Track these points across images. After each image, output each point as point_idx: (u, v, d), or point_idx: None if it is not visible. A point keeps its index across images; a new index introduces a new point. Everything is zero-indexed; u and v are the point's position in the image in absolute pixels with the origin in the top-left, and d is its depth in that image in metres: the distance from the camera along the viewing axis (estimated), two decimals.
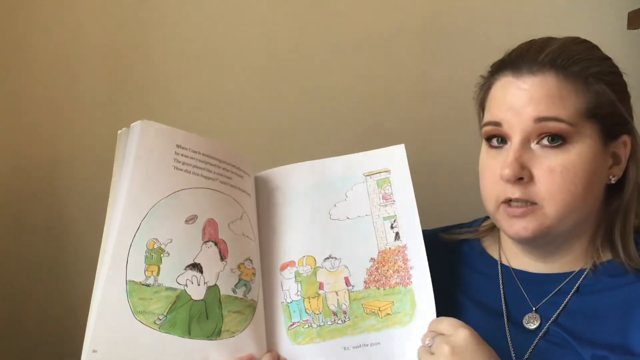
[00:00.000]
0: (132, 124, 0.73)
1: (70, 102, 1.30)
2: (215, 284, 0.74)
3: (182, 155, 0.75)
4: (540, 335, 0.77)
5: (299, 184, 0.84)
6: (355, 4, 1.29)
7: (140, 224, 0.71)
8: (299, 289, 0.80)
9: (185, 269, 0.72)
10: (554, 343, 0.76)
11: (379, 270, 0.79)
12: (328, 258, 0.81)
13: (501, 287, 0.83)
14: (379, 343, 0.77)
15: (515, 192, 0.75)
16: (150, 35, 1.29)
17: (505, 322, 0.80)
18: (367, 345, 0.77)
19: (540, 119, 0.73)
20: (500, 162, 0.76)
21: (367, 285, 0.79)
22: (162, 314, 0.70)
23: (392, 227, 0.81)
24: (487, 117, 0.79)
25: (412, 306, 0.77)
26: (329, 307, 0.79)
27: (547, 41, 0.78)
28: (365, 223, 0.81)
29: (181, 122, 1.30)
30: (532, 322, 0.79)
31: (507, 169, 0.73)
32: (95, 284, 0.69)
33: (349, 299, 0.79)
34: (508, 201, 0.76)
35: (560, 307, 0.78)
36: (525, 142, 0.75)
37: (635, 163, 0.79)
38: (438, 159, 1.30)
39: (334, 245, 0.81)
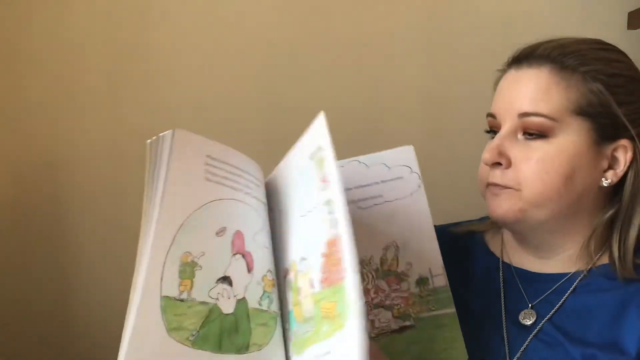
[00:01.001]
0: (162, 134, 0.70)
1: (70, 104, 1.26)
2: (244, 297, 0.73)
3: (212, 166, 0.73)
4: (534, 333, 0.81)
5: (279, 190, 0.81)
6: (355, 4, 1.30)
7: (175, 236, 0.68)
8: (291, 298, 0.73)
9: (217, 282, 0.71)
10: (546, 342, 0.80)
11: (327, 266, 0.65)
12: (302, 259, 0.71)
13: (501, 284, 0.86)
14: (329, 352, 0.62)
15: (494, 177, 0.80)
16: (150, 37, 1.27)
17: (503, 318, 0.83)
18: (321, 355, 0.64)
19: (522, 114, 0.78)
20: None
21: (322, 285, 0.66)
22: (195, 330, 0.68)
23: (329, 213, 0.65)
24: (490, 109, 0.83)
25: (347, 305, 0.60)
26: (304, 315, 0.70)
27: (555, 38, 0.81)
28: (317, 212, 0.69)
29: (181, 122, 1.28)
30: (527, 318, 0.82)
31: (486, 153, 0.80)
32: (130, 300, 0.66)
33: (313, 302, 0.67)
34: (492, 185, 0.81)
35: (557, 307, 0.81)
36: (513, 133, 0.79)
37: (635, 170, 0.79)
38: (440, 159, 1.33)
39: (302, 244, 0.72)
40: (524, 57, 0.80)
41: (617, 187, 0.81)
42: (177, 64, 1.28)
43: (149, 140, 0.69)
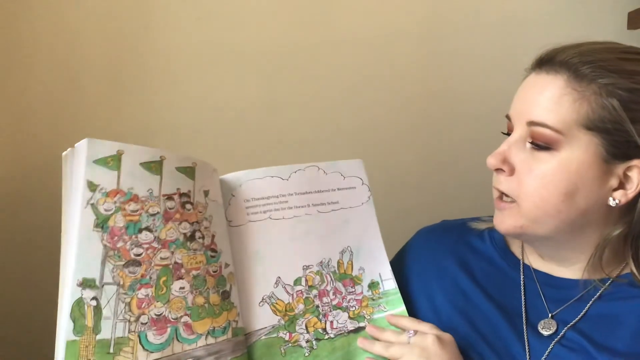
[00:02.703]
0: (76, 144, 0.67)
1: (71, 103, 1.27)
2: None
3: None
4: (556, 339, 0.77)
5: None
6: (354, 5, 1.29)
7: None
8: None
9: None
10: (570, 348, 0.76)
11: None
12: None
13: (522, 287, 0.82)
14: None
15: (498, 182, 0.78)
16: (150, 36, 1.27)
17: (524, 324, 0.79)
18: None
19: (530, 123, 0.74)
20: None
21: None
22: None
23: None
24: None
25: None
26: None
27: (582, 43, 0.76)
28: None
29: (181, 122, 1.29)
30: (547, 328, 0.78)
31: (491, 158, 0.77)
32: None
33: None
34: (498, 193, 0.79)
35: (581, 314, 0.77)
36: (521, 140, 0.76)
37: None
38: (440, 157, 1.32)
39: None
40: (545, 62, 0.76)
41: (629, 205, 0.75)
42: (177, 64, 1.28)
43: (64, 153, 0.67)
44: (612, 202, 0.74)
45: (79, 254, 0.65)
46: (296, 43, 1.28)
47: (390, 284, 0.85)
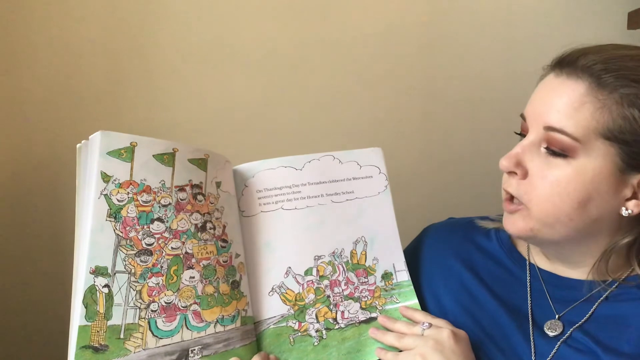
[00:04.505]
0: (90, 136, 0.69)
1: (71, 102, 1.28)
2: None
3: None
4: (562, 339, 0.76)
5: None
6: (354, 5, 1.28)
7: None
8: None
9: None
10: (576, 349, 0.75)
11: None
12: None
13: (528, 287, 0.81)
14: None
15: (509, 185, 0.76)
16: (151, 35, 1.27)
17: (530, 324, 0.78)
18: None
19: (547, 128, 0.72)
20: None
21: None
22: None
23: None
24: (524, 110, 0.78)
25: None
26: None
27: (607, 48, 0.73)
28: None
29: (180, 121, 1.30)
30: (553, 329, 0.77)
31: (504, 160, 0.75)
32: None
33: None
34: (507, 195, 0.77)
35: (587, 315, 0.77)
36: (536, 144, 0.74)
37: None
38: (440, 157, 1.31)
39: None
40: (566, 64, 0.73)
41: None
42: (177, 64, 1.29)
43: (78, 145, 0.69)
44: (624, 212, 0.73)
45: (92, 243, 0.67)
46: (295, 42, 1.29)
47: (403, 275, 0.85)
